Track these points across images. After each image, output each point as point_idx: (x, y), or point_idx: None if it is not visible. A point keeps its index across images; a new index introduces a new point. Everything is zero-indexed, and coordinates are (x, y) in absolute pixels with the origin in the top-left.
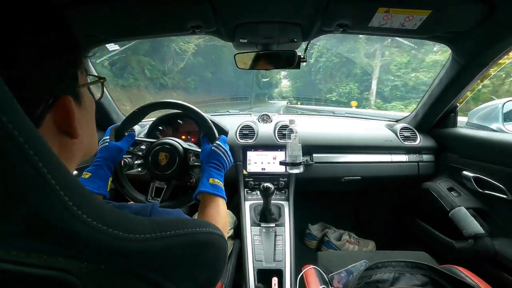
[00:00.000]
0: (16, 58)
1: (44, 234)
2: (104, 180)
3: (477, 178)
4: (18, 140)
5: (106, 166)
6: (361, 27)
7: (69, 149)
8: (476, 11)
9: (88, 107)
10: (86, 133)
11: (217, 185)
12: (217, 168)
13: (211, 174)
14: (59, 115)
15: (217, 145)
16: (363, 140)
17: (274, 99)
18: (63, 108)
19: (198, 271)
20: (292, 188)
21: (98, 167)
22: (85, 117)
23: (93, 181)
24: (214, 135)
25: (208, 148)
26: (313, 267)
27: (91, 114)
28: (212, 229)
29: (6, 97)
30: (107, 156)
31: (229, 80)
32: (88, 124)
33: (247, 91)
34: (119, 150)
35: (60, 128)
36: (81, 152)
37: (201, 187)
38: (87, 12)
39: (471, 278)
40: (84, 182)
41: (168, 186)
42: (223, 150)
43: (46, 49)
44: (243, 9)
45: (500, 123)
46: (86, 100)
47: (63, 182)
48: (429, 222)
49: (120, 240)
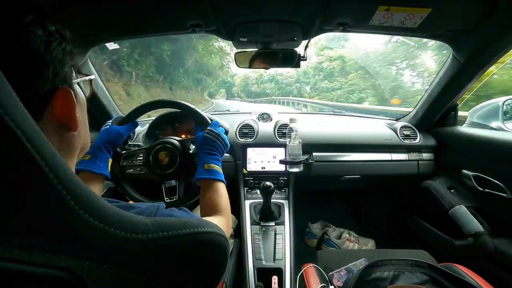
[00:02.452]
0: (20, 49)
1: (46, 233)
2: (104, 161)
3: (477, 177)
4: (21, 140)
5: (104, 147)
6: (361, 25)
7: (68, 142)
8: (476, 10)
9: (81, 102)
10: (82, 127)
11: (213, 169)
12: (211, 153)
13: (206, 160)
14: (59, 107)
15: (209, 130)
16: (363, 138)
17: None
18: (62, 99)
19: (199, 271)
20: (292, 187)
21: (96, 148)
22: (81, 111)
23: (93, 162)
24: (204, 122)
25: (201, 135)
26: (312, 265)
27: (84, 109)
28: (213, 229)
29: (10, 98)
30: (106, 139)
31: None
32: (83, 118)
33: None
34: (119, 134)
35: (59, 121)
36: (79, 146)
37: (197, 174)
38: (87, 11)
39: (470, 276)
40: (84, 163)
41: (179, 182)
42: (214, 134)
43: (47, 39)
44: (243, 7)
45: (500, 121)
46: (79, 96)
47: (65, 180)
48: (428, 220)
49: (122, 239)
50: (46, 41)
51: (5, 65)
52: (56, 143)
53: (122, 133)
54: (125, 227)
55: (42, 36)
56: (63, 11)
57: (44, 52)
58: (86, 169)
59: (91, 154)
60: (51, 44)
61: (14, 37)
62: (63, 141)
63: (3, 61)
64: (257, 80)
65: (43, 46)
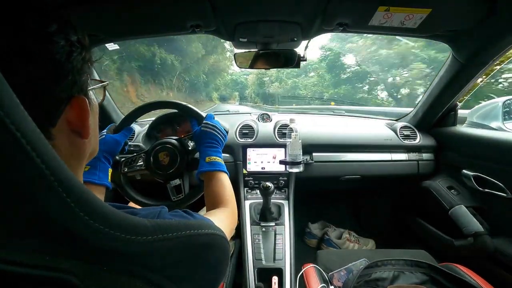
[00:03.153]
0: (41, 56)
1: (46, 235)
2: (103, 171)
3: (477, 177)
4: (21, 141)
5: (104, 157)
6: (361, 26)
7: (79, 148)
8: (476, 10)
9: (95, 109)
10: (93, 133)
11: (215, 161)
12: (211, 146)
13: (207, 152)
14: (73, 115)
15: (205, 124)
16: (363, 139)
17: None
18: (77, 107)
19: (200, 273)
20: (292, 187)
21: (96, 159)
22: (94, 118)
23: (93, 173)
24: (199, 116)
25: (198, 129)
26: (313, 265)
27: (96, 115)
28: (214, 230)
29: (10, 100)
30: (104, 149)
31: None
32: (95, 125)
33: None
34: (116, 142)
35: (72, 128)
36: (89, 152)
37: (199, 168)
38: (86, 11)
39: (470, 276)
40: (84, 174)
41: (183, 180)
42: (211, 126)
43: (69, 48)
44: (243, 8)
45: (500, 121)
46: (93, 102)
47: (66, 183)
48: (428, 220)
49: (122, 241)
50: (68, 51)
51: (28, 71)
52: (67, 149)
53: (119, 141)
54: (125, 229)
55: (65, 46)
56: (63, 11)
57: (66, 61)
58: (86, 180)
59: (91, 165)
60: (72, 54)
61: (39, 46)
62: (74, 148)
63: (27, 67)
64: (277, 78)
65: (65, 56)
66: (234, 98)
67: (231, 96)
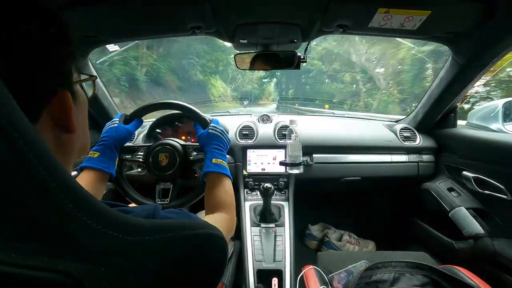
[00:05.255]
0: (18, 51)
1: (44, 237)
2: (113, 160)
3: (477, 179)
4: (18, 143)
5: (114, 146)
6: (361, 27)
7: (65, 144)
8: (476, 12)
9: (82, 103)
10: (81, 129)
11: (221, 164)
12: (219, 149)
13: (214, 155)
14: (57, 110)
15: (213, 127)
16: (363, 140)
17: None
18: (61, 102)
19: (197, 273)
20: (292, 189)
21: (106, 147)
22: (80, 112)
23: (103, 160)
24: (206, 120)
25: (205, 131)
26: (313, 267)
27: (84, 110)
28: (211, 230)
29: (7, 101)
30: (115, 136)
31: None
32: (82, 120)
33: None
34: (128, 132)
35: (57, 123)
36: (76, 148)
37: (206, 168)
38: (87, 12)
39: (471, 278)
40: (93, 160)
41: (174, 186)
42: (219, 131)
43: (48, 42)
44: (243, 9)
45: (500, 123)
46: (80, 97)
47: (62, 184)
48: (429, 222)
49: (120, 242)
50: (49, 44)
51: (5, 65)
52: (53, 144)
53: (131, 131)
54: (123, 230)
55: (45, 38)
56: (63, 12)
57: (46, 54)
58: (95, 167)
59: (100, 152)
60: (54, 46)
61: (19, 39)
62: (60, 143)
63: (2, 61)
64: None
65: (46, 49)
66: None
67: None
